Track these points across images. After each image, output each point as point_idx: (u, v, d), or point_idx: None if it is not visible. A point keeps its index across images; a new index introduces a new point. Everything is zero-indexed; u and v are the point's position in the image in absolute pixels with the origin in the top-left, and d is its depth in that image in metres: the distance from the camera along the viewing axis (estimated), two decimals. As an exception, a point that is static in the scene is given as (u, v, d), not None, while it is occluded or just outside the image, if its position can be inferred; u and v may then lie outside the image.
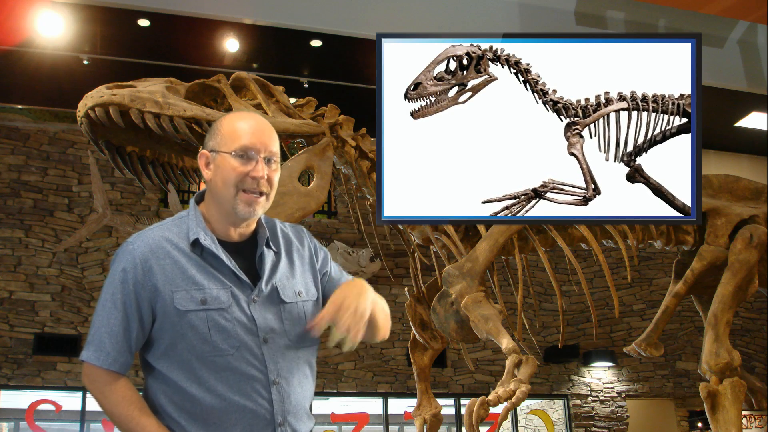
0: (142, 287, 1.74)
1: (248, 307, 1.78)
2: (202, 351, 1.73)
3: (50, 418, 8.62)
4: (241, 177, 1.78)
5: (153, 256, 1.76)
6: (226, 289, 1.77)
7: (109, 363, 1.73)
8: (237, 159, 1.78)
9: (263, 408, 1.74)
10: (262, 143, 1.80)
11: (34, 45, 7.01)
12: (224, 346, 1.73)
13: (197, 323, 1.72)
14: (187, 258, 1.77)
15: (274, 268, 1.86)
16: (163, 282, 1.74)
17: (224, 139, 1.81)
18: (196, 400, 1.73)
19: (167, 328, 1.74)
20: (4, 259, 8.71)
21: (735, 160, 10.20)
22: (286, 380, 1.79)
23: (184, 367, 1.74)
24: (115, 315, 1.74)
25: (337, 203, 9.92)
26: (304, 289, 1.89)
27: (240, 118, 1.85)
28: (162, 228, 1.83)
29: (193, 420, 1.73)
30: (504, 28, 5.35)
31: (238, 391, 1.73)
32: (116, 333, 1.74)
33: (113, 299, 1.75)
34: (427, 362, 4.63)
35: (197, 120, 3.26)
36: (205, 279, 1.76)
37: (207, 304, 1.74)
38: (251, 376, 1.75)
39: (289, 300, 1.85)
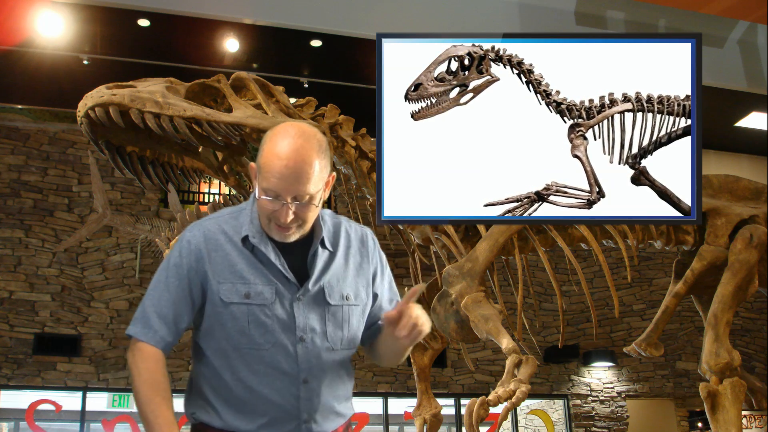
0: (195, 272, 1.81)
1: (291, 306, 1.81)
2: (238, 342, 1.79)
3: (50, 418, 8.62)
4: (269, 214, 1.77)
5: (206, 245, 1.82)
6: (271, 286, 1.81)
7: (156, 341, 1.80)
8: (266, 198, 1.74)
9: (290, 404, 1.79)
10: (289, 189, 1.71)
11: (34, 45, 7.01)
12: (261, 340, 1.78)
13: (238, 315, 1.78)
14: (238, 252, 1.82)
15: (325, 268, 1.87)
16: (212, 271, 1.80)
17: (261, 169, 1.75)
18: (229, 387, 1.80)
19: (210, 313, 1.81)
20: (4, 259, 8.71)
21: (735, 160, 10.20)
22: (317, 380, 1.81)
23: (221, 354, 1.81)
24: (166, 297, 1.81)
25: (337, 203, 9.92)
26: (352, 293, 1.90)
27: (279, 150, 1.72)
28: (220, 219, 1.89)
29: (226, 405, 1.80)
30: (504, 28, 5.35)
31: (268, 385, 1.78)
32: (165, 314, 1.81)
33: (166, 281, 1.82)
34: (427, 362, 4.63)
35: (197, 120, 3.26)
36: (252, 274, 1.81)
37: (250, 299, 1.79)
38: (282, 372, 1.79)
39: (334, 302, 1.85)
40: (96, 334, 8.78)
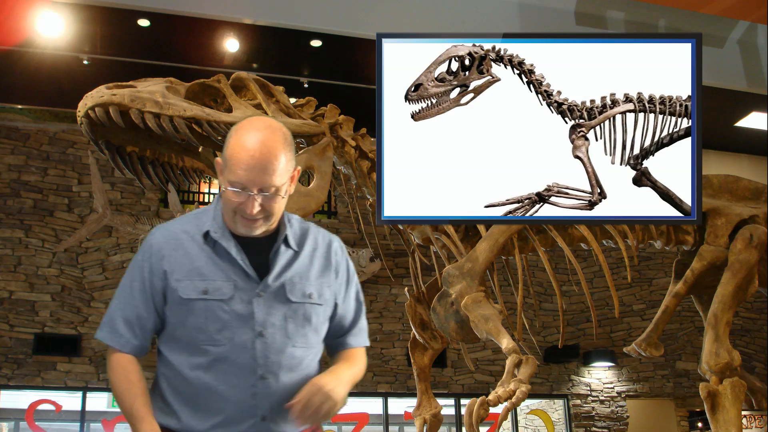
0: (155, 275, 1.83)
1: (251, 301, 1.81)
2: (197, 339, 1.79)
3: (50, 418, 8.62)
4: (235, 206, 1.78)
5: (167, 246, 1.85)
6: (230, 282, 1.81)
7: (122, 345, 1.84)
8: (232, 190, 1.76)
9: (246, 401, 1.78)
10: (256, 181, 1.74)
11: (34, 45, 7.01)
12: (218, 336, 1.79)
13: (197, 312, 1.79)
14: (199, 249, 1.84)
15: (287, 265, 1.87)
16: (171, 270, 1.82)
17: (227, 162, 1.78)
18: (186, 386, 1.80)
19: (171, 314, 1.82)
20: (4, 259, 8.71)
21: (735, 160, 10.20)
22: (276, 377, 1.80)
23: (180, 352, 1.82)
24: (130, 301, 1.84)
25: (337, 203, 9.92)
26: (316, 292, 1.89)
27: (245, 141, 1.75)
28: (183, 220, 1.92)
29: (183, 404, 1.80)
30: (504, 28, 5.35)
31: (224, 381, 1.78)
32: (129, 318, 1.84)
33: (131, 285, 1.86)
34: (427, 362, 4.63)
35: (197, 120, 3.26)
36: (211, 270, 1.82)
37: (208, 294, 1.79)
38: (240, 368, 1.78)
39: (295, 299, 1.85)
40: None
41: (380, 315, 9.70)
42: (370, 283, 9.58)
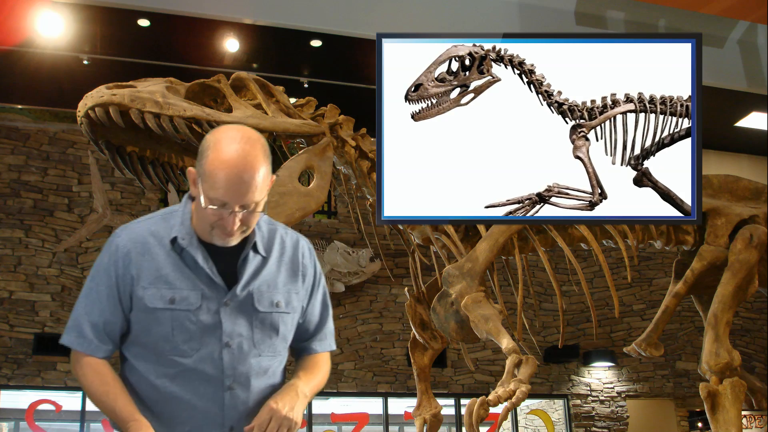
0: (122, 279, 1.77)
1: (218, 311, 1.77)
2: (162, 348, 1.75)
3: (50, 418, 8.62)
4: (214, 222, 1.73)
5: (134, 249, 1.79)
6: (197, 291, 1.76)
7: (91, 350, 1.79)
8: (211, 208, 1.69)
9: (213, 411, 1.75)
10: (237, 198, 1.67)
11: (34, 45, 7.02)
12: (184, 347, 1.75)
13: (163, 321, 1.75)
14: (166, 255, 1.78)
15: (255, 273, 1.82)
16: (138, 276, 1.77)
17: (205, 177, 1.69)
18: (152, 395, 1.76)
19: (136, 320, 1.78)
20: (4, 259, 8.71)
21: (735, 160, 10.20)
22: (243, 387, 1.77)
23: (147, 360, 1.78)
24: (97, 305, 1.79)
25: (337, 203, 9.92)
26: (283, 300, 1.85)
27: (225, 157, 1.66)
28: (150, 221, 1.85)
29: (149, 411, 1.75)
30: (504, 28, 5.35)
31: (191, 390, 1.75)
32: (96, 322, 1.78)
33: (97, 288, 1.79)
34: (427, 362, 4.63)
35: (197, 120, 3.26)
36: (178, 278, 1.76)
37: (175, 304, 1.75)
38: (207, 379, 1.75)
39: (263, 309, 1.81)
40: (96, 334, 8.77)
41: (380, 315, 9.70)
42: (370, 283, 9.58)
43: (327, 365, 1.99)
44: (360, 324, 9.56)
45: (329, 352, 2.02)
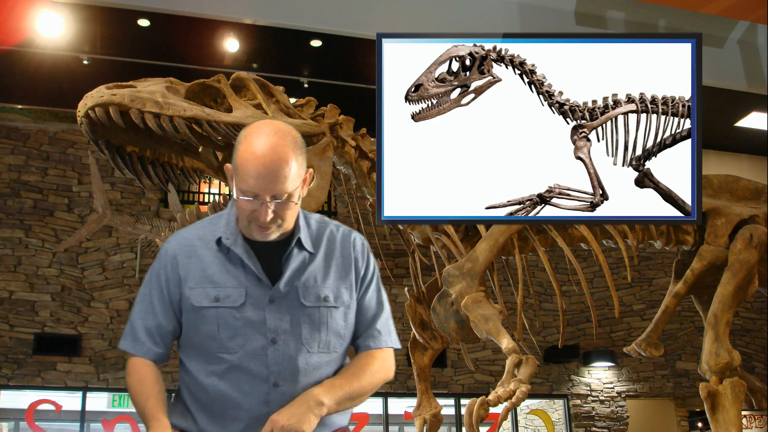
0: (172, 282, 1.83)
1: (263, 307, 1.78)
2: (210, 346, 1.79)
3: (50, 418, 8.62)
4: (248, 214, 1.75)
5: (181, 253, 1.85)
6: (241, 288, 1.79)
7: (144, 353, 1.84)
8: (244, 198, 1.73)
9: (259, 408, 1.76)
10: (267, 189, 1.70)
11: (34, 45, 7.02)
12: (230, 344, 1.77)
13: (209, 319, 1.78)
14: (213, 256, 1.83)
15: (301, 269, 1.83)
16: (186, 278, 1.82)
17: (237, 170, 1.74)
18: (203, 393, 1.80)
19: (186, 320, 1.83)
20: (4, 259, 8.71)
21: (735, 160, 10.20)
22: (290, 384, 1.77)
23: (196, 359, 1.82)
24: (150, 309, 1.85)
25: (337, 203, 9.92)
26: (332, 295, 1.85)
27: (254, 149, 1.71)
28: (198, 226, 1.91)
29: (202, 411, 1.80)
30: (504, 28, 5.35)
31: (238, 388, 1.76)
32: (149, 326, 1.84)
33: (150, 294, 1.86)
34: (427, 362, 4.63)
35: (197, 120, 3.26)
36: (223, 277, 1.80)
37: (219, 302, 1.78)
38: (252, 375, 1.76)
39: (309, 304, 1.81)
40: (96, 334, 8.78)
41: (380, 315, 9.69)
42: (370, 283, 9.57)
43: (382, 363, 1.92)
44: (360, 324, 9.56)
45: (389, 348, 1.96)
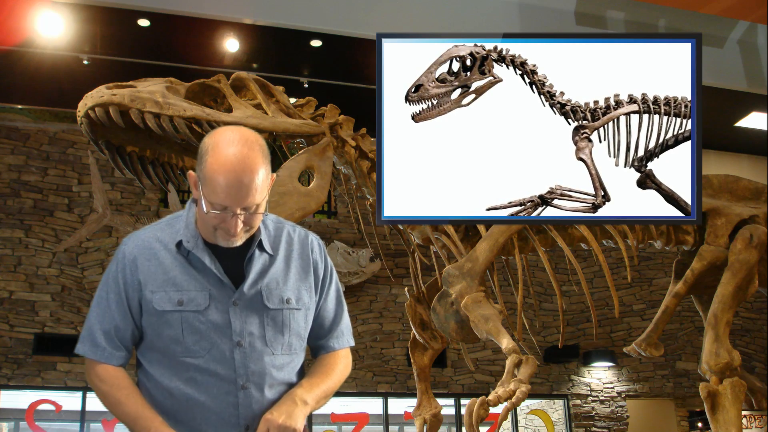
0: (130, 286, 1.80)
1: (227, 310, 1.78)
2: (174, 350, 1.77)
3: (50, 418, 8.62)
4: (216, 224, 1.74)
5: (141, 255, 1.81)
6: (205, 291, 1.78)
7: (105, 358, 1.81)
8: (213, 211, 1.70)
9: (228, 411, 1.76)
10: (237, 201, 1.68)
11: (34, 45, 7.02)
12: (196, 347, 1.76)
13: (173, 323, 1.76)
14: (172, 258, 1.80)
15: (263, 271, 1.83)
16: (146, 281, 1.79)
17: (205, 181, 1.69)
18: (167, 396, 1.78)
19: (148, 324, 1.80)
20: (4, 259, 8.71)
21: (735, 160, 10.21)
22: (257, 386, 1.78)
23: (160, 364, 1.79)
24: (108, 314, 1.81)
25: (337, 203, 9.92)
26: (294, 297, 1.85)
27: (224, 161, 1.67)
28: (156, 228, 1.87)
29: (166, 415, 1.77)
30: (504, 28, 5.35)
31: (205, 392, 1.76)
32: (108, 330, 1.81)
33: (107, 297, 1.82)
34: (427, 362, 4.63)
35: (197, 120, 3.26)
36: (186, 280, 1.78)
37: (183, 306, 1.76)
38: (220, 379, 1.76)
39: (273, 306, 1.82)
40: (96, 334, 8.77)
41: (380, 315, 9.70)
42: (370, 283, 9.58)
43: (346, 361, 2.00)
44: (360, 324, 9.56)
45: (347, 348, 2.02)
